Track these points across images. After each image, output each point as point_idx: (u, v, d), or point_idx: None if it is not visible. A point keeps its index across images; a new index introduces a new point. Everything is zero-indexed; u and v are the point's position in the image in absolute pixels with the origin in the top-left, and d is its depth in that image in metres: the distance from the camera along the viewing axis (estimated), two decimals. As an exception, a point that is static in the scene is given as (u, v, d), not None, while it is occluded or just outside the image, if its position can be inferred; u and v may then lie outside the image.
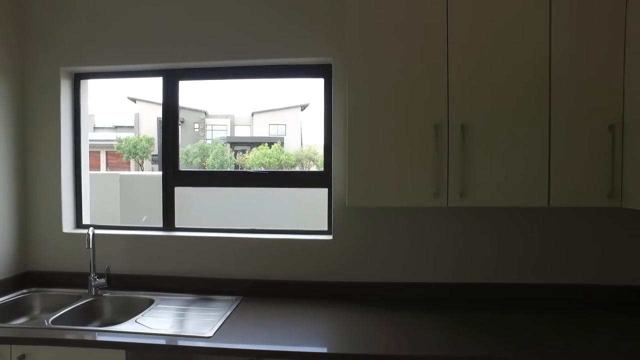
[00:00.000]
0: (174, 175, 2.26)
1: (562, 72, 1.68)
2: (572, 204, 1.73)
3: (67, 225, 2.29)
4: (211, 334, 1.58)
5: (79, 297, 2.01)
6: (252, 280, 2.11)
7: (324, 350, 1.56)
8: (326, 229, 2.20)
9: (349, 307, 1.91)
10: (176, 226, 2.28)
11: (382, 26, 1.73)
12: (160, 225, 2.29)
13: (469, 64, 1.70)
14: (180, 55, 2.16)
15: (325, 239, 2.12)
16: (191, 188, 2.34)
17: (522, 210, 2.01)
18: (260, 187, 2.21)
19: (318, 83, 2.20)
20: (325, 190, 2.19)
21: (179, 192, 2.32)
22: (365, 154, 1.74)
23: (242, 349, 1.51)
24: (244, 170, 2.31)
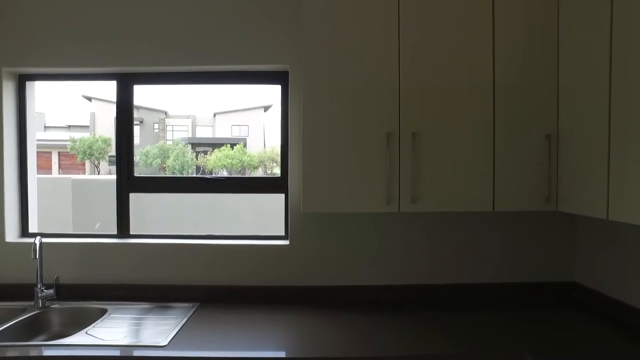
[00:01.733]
0: (129, 182, 2.22)
1: (504, 85, 1.79)
2: (514, 208, 1.84)
3: (11, 234, 2.19)
4: (166, 343, 1.57)
5: (23, 310, 1.91)
6: (209, 286, 2.11)
7: (282, 354, 1.59)
8: (283, 234, 2.23)
9: (307, 311, 1.95)
10: (131, 233, 2.24)
11: (337, 36, 1.78)
12: (115, 232, 2.24)
13: (419, 75, 1.78)
14: (135, 59, 2.13)
15: (282, 244, 2.14)
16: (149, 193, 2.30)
17: (469, 213, 2.12)
18: (217, 193, 2.21)
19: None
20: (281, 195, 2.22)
21: (137, 197, 2.27)
22: (319, 161, 1.78)
23: (198, 357, 1.51)
24: (201, 176, 2.30)
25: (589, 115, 1.62)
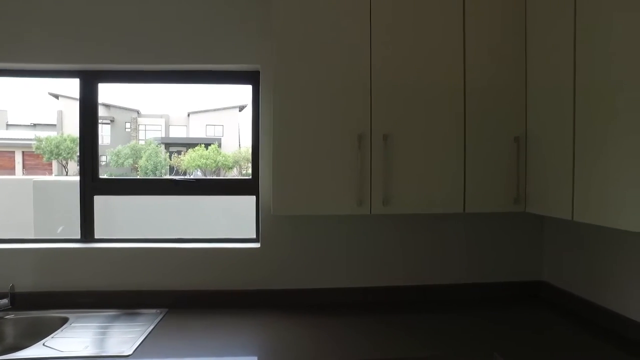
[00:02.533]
0: (93, 184, 2.13)
1: (474, 87, 1.81)
2: (484, 209, 1.86)
3: (-37, 239, 2.08)
4: (130, 352, 1.51)
5: (-28, 323, 1.80)
6: (178, 291, 2.05)
7: (254, 359, 1.55)
8: (254, 236, 2.19)
9: (279, 315, 1.92)
10: (96, 237, 2.15)
11: (308, 37, 1.75)
12: (78, 236, 2.15)
13: (391, 77, 1.77)
14: (99, 56, 2.04)
15: (253, 247, 2.10)
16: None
17: (440, 214, 2.13)
18: (187, 195, 2.15)
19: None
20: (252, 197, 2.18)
21: (104, 199, 2.19)
22: (290, 163, 1.75)
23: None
24: (171, 177, 2.23)
25: (554, 118, 1.65)
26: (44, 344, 1.59)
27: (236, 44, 2.06)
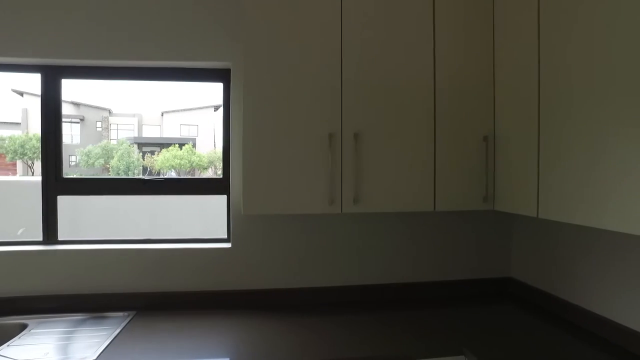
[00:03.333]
0: (57, 184, 2.06)
1: (444, 87, 1.83)
2: (454, 207, 1.89)
3: None
4: (95, 357, 1.46)
5: None
6: (147, 293, 2.00)
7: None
8: (225, 236, 2.16)
9: (250, 315, 1.89)
10: (60, 239, 2.08)
11: (279, 35, 1.74)
12: (40, 238, 2.07)
13: (361, 77, 1.78)
14: (62, 51, 1.97)
15: (224, 247, 2.07)
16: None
17: (411, 213, 2.15)
18: (157, 195, 2.10)
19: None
20: (223, 197, 2.14)
21: (71, 201, 2.11)
22: (260, 162, 1.73)
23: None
24: (139, 177, 2.17)
25: (520, 118, 1.69)
26: (-2, 353, 1.51)
27: (207, 41, 2.03)
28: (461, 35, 1.84)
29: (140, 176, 2.09)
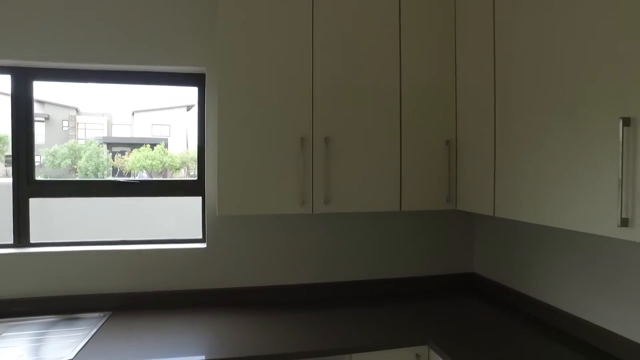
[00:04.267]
0: (28, 186, 2.06)
1: (409, 94, 1.94)
2: (419, 207, 2.00)
3: None
4: (72, 356, 1.49)
5: None
6: (123, 294, 2.02)
7: (202, 358, 1.57)
8: (201, 237, 2.21)
9: (225, 314, 1.95)
10: (32, 241, 2.07)
11: (252, 41, 1.81)
12: (11, 241, 2.06)
13: (332, 84, 1.87)
14: (35, 53, 1.97)
15: (199, 247, 2.12)
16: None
17: (379, 213, 2.26)
18: (132, 197, 2.12)
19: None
20: (198, 198, 2.19)
21: (43, 202, 2.10)
22: (235, 165, 1.80)
23: (107, 369, 1.46)
24: (113, 179, 2.18)
25: (479, 123, 1.82)
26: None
27: (182, 46, 2.07)
28: (426, 47, 1.96)
29: (110, 177, 2.11)
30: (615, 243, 1.53)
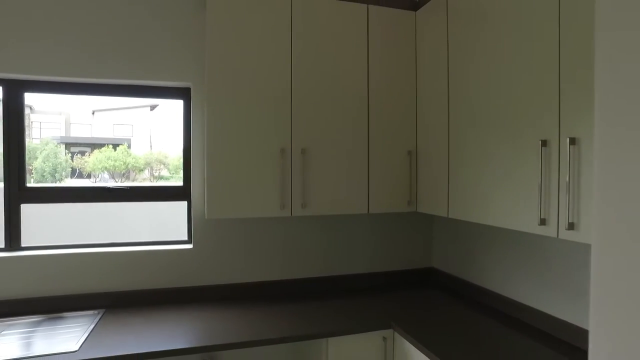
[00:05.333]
0: (20, 192, 2.17)
1: (376, 110, 2.21)
2: (384, 210, 2.28)
3: None
4: (77, 348, 1.65)
5: None
6: (114, 292, 2.17)
7: (192, 345, 1.76)
8: (186, 238, 2.39)
9: (212, 308, 2.15)
10: (23, 245, 2.19)
11: (238, 61, 2.01)
12: (2, 245, 2.16)
13: (308, 100, 2.11)
14: (27, 67, 2.09)
15: (186, 248, 2.30)
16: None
17: (350, 215, 2.52)
18: (121, 202, 2.28)
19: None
20: (184, 203, 2.38)
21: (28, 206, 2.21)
22: (221, 173, 2.00)
23: (113, 356, 1.62)
24: (104, 185, 2.27)
25: (435, 137, 2.11)
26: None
27: (169, 63, 2.24)
28: (391, 70, 2.24)
29: (69, 179, 2.22)
30: (546, 240, 1.85)
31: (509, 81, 1.61)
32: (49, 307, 2.07)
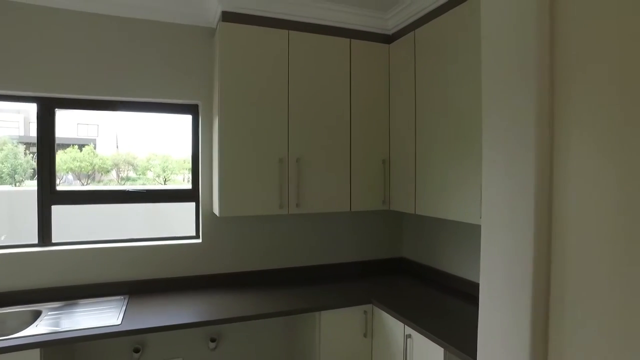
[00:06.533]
0: (51, 195, 2.49)
1: (357, 127, 2.68)
2: (363, 208, 2.74)
3: None
4: (119, 322, 2.02)
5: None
6: (135, 281, 2.53)
7: (207, 319, 2.16)
8: (194, 234, 2.77)
9: (218, 292, 2.55)
10: (53, 241, 2.51)
11: (245, 84, 2.42)
12: (35, 241, 2.48)
13: (302, 117, 2.54)
14: (59, 86, 2.41)
15: (195, 242, 2.69)
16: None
17: (335, 213, 2.98)
18: (138, 203, 2.64)
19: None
20: (192, 203, 2.76)
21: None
22: (232, 178, 2.41)
23: (152, 327, 2.00)
24: (124, 188, 2.55)
25: (405, 149, 2.60)
26: (36, 326, 1.98)
27: (182, 83, 2.62)
28: (368, 92, 2.71)
29: (30, 180, 2.53)
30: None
31: (460, 103, 2.10)
32: (79, 293, 2.42)
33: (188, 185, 2.79)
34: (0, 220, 3.10)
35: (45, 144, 2.50)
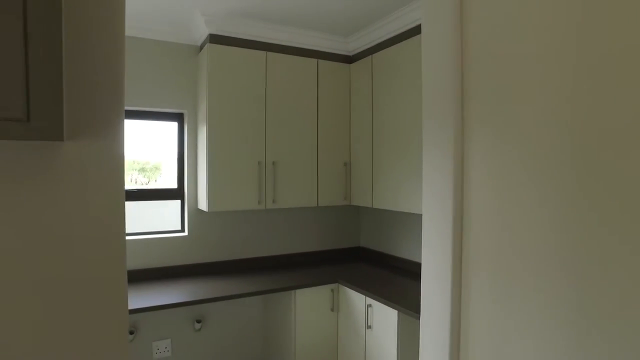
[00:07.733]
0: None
1: (323, 134, 3.14)
2: (328, 203, 3.21)
3: None
4: (124, 302, 2.34)
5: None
6: (129, 270, 2.82)
7: (194, 299, 2.53)
8: (179, 228, 3.11)
9: (203, 278, 2.91)
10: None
11: (228, 98, 2.81)
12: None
13: (277, 125, 2.97)
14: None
15: (182, 235, 3.04)
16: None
17: (305, 208, 3.42)
18: (129, 202, 2.94)
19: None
20: (177, 201, 3.10)
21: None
22: (218, 178, 2.79)
23: (144, 307, 2.35)
24: None
25: (363, 152, 3.09)
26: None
27: (170, 93, 2.96)
28: (333, 104, 3.18)
29: None
30: (432, 219, 2.91)
31: (407, 115, 2.62)
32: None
33: (174, 185, 3.13)
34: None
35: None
